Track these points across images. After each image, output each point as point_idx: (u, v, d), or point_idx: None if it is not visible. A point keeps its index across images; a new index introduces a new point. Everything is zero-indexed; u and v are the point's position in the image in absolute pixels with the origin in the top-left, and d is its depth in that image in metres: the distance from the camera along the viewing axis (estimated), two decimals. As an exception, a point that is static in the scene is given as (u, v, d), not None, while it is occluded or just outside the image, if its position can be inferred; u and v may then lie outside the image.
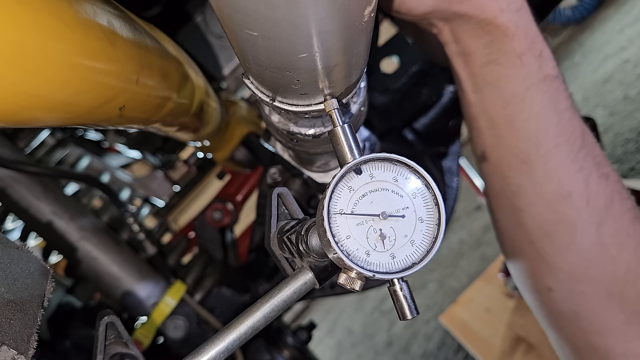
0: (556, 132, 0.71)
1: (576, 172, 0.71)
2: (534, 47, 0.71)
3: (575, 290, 0.73)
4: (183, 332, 1.06)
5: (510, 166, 0.75)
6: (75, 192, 1.50)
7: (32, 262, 0.47)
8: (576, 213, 0.71)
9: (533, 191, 0.73)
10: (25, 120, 0.43)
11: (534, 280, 0.79)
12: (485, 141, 0.77)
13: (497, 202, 0.81)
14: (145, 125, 0.67)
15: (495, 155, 0.76)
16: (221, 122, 1.09)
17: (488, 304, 2.74)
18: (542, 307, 0.80)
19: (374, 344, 3.71)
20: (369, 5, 0.37)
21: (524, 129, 0.72)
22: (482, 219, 3.48)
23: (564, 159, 0.71)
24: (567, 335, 0.77)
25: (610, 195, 0.71)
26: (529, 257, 0.78)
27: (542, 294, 0.78)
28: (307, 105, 0.50)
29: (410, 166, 0.45)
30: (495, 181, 0.79)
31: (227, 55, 1.21)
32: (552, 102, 0.71)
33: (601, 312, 0.71)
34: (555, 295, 0.75)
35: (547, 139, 0.71)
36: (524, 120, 0.72)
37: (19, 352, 0.40)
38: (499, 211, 0.82)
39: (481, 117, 0.76)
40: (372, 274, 0.42)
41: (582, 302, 0.73)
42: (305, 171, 0.95)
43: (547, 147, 0.71)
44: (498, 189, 0.79)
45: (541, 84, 0.71)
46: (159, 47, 0.64)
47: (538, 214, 0.74)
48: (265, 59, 0.41)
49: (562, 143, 0.71)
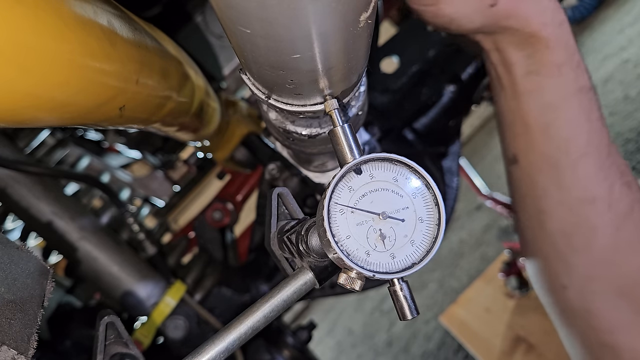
0: (586, 140, 0.75)
1: (602, 179, 0.74)
2: (573, 59, 0.75)
3: (588, 288, 0.76)
4: (183, 332, 1.06)
5: (539, 170, 0.79)
6: (75, 192, 1.50)
7: (32, 262, 0.47)
8: (597, 217, 0.74)
9: (558, 195, 0.77)
10: (25, 120, 0.43)
11: (550, 278, 0.82)
12: (519, 145, 0.81)
13: (522, 204, 0.85)
14: (145, 125, 0.67)
15: (526, 159, 0.80)
16: (221, 122, 1.09)
17: (488, 304, 2.74)
18: (556, 305, 0.83)
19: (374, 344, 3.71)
20: (365, 11, 0.37)
21: (557, 135, 0.76)
22: (482, 219, 3.48)
23: (591, 166, 0.75)
24: (579, 332, 0.80)
25: (631, 203, 0.74)
26: (547, 256, 0.82)
27: (557, 292, 0.81)
28: (301, 106, 0.50)
29: (410, 166, 0.45)
30: (523, 184, 0.82)
31: (227, 55, 1.21)
32: (585, 112, 0.75)
33: (611, 310, 0.75)
34: (569, 293, 0.79)
35: (577, 147, 0.75)
36: (558, 127, 0.76)
37: (19, 352, 0.40)
38: (523, 212, 0.85)
39: (517, 122, 0.80)
40: (372, 274, 0.42)
41: (594, 301, 0.76)
42: (303, 170, 0.95)
43: (576, 154, 0.75)
44: (524, 191, 0.83)
45: (577, 94, 0.75)
46: (159, 47, 0.64)
47: (560, 216, 0.78)
48: (259, 57, 0.41)
49: (591, 151, 0.75)
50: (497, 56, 0.78)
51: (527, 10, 0.72)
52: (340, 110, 0.47)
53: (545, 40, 0.73)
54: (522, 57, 0.75)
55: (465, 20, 0.72)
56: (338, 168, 0.45)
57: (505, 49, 0.76)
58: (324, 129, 0.60)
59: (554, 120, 0.76)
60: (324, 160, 0.85)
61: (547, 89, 0.75)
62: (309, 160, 0.88)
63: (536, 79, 0.75)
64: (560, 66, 0.74)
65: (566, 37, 0.74)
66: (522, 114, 0.78)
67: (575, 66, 0.75)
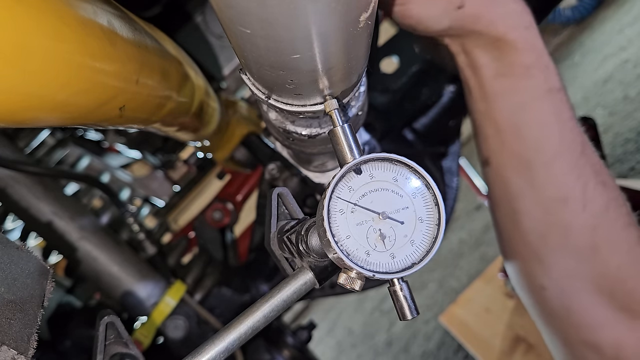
0: (558, 140, 0.75)
1: (575, 178, 0.74)
2: (541, 60, 0.75)
3: (568, 288, 0.76)
4: (183, 332, 1.06)
5: (512, 171, 0.79)
6: (75, 192, 1.50)
7: (32, 262, 0.47)
8: (572, 217, 0.74)
9: (532, 195, 0.77)
10: (25, 120, 0.43)
11: (528, 279, 0.82)
12: (490, 147, 0.81)
13: (497, 205, 0.85)
14: (145, 125, 0.67)
15: (499, 160, 0.80)
16: (221, 122, 1.09)
17: (488, 304, 2.74)
18: (536, 306, 0.83)
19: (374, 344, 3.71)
20: (364, 11, 0.37)
21: (528, 136, 0.76)
22: (482, 219, 3.48)
23: (564, 166, 0.75)
24: (560, 331, 0.80)
25: (607, 202, 0.74)
26: (524, 257, 0.82)
27: (536, 293, 0.81)
28: (301, 106, 0.50)
29: (410, 166, 0.45)
30: (497, 185, 0.83)
31: (227, 55, 1.21)
32: (555, 112, 0.75)
33: (592, 308, 0.75)
34: (548, 293, 0.79)
35: (549, 147, 0.75)
36: (529, 128, 0.76)
37: (19, 352, 0.40)
38: (498, 213, 0.85)
39: (488, 124, 0.80)
40: (372, 274, 0.42)
41: (574, 299, 0.76)
42: (303, 170, 0.95)
43: (548, 154, 0.75)
44: (499, 192, 0.83)
45: (546, 95, 0.75)
46: (159, 47, 0.64)
47: (535, 216, 0.78)
48: (259, 57, 0.41)
49: (563, 151, 0.75)
50: (464, 59, 0.79)
51: (493, 14, 0.72)
52: (340, 110, 0.47)
53: (513, 43, 0.73)
54: (490, 59, 0.76)
55: (433, 21, 0.73)
56: (338, 168, 0.45)
57: (472, 52, 0.77)
58: (324, 129, 0.60)
59: (525, 121, 0.76)
60: (324, 160, 0.85)
61: (516, 91, 0.76)
62: (309, 160, 0.88)
63: (505, 80, 0.76)
64: (528, 68, 0.74)
65: (533, 39, 0.74)
66: (492, 116, 0.79)
67: (544, 67, 0.75)
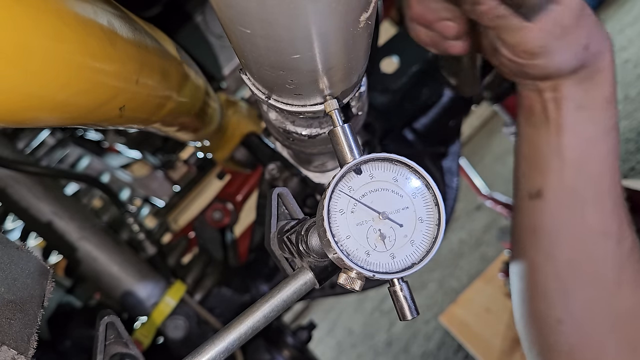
0: (611, 176, 0.75)
1: (616, 215, 0.75)
2: (615, 94, 0.74)
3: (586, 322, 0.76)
4: (183, 332, 1.06)
5: (565, 205, 0.77)
6: (75, 192, 1.50)
7: (32, 262, 0.47)
8: (608, 251, 0.75)
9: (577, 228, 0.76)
10: (25, 120, 0.43)
11: (545, 312, 0.80)
12: (549, 181, 0.77)
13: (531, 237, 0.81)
14: (145, 125, 0.67)
15: (554, 194, 0.77)
16: (221, 122, 1.09)
17: (488, 304, 2.74)
18: (546, 340, 0.80)
19: (374, 344, 3.71)
20: (365, 11, 0.37)
21: (588, 171, 0.75)
22: (482, 219, 3.48)
23: (612, 202, 0.75)
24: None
25: (633, 242, 0.75)
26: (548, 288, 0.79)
27: (550, 326, 0.79)
28: (301, 106, 0.50)
29: (410, 166, 0.45)
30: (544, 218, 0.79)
31: (227, 55, 1.21)
32: (614, 149, 0.75)
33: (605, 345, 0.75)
34: (565, 327, 0.77)
35: (604, 183, 0.75)
36: (592, 164, 0.75)
37: (19, 352, 0.40)
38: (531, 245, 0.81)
39: (553, 158, 0.77)
40: (372, 274, 0.42)
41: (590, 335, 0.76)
42: (303, 170, 0.95)
43: (603, 190, 0.75)
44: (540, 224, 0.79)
45: (611, 131, 0.74)
46: (159, 47, 0.64)
47: (573, 246, 0.77)
48: (259, 57, 0.41)
49: (613, 187, 0.75)
50: (551, 94, 0.74)
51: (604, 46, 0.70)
52: (340, 110, 0.47)
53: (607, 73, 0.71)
54: (577, 91, 0.72)
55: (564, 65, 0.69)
56: (338, 168, 0.45)
57: (562, 84, 0.72)
58: (324, 129, 0.60)
59: (589, 156, 0.74)
60: (324, 160, 0.85)
61: (591, 124, 0.74)
62: (309, 160, 0.88)
63: (584, 113, 0.73)
64: (609, 101, 0.73)
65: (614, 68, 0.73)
66: (560, 150, 0.75)
67: (616, 102, 0.74)
